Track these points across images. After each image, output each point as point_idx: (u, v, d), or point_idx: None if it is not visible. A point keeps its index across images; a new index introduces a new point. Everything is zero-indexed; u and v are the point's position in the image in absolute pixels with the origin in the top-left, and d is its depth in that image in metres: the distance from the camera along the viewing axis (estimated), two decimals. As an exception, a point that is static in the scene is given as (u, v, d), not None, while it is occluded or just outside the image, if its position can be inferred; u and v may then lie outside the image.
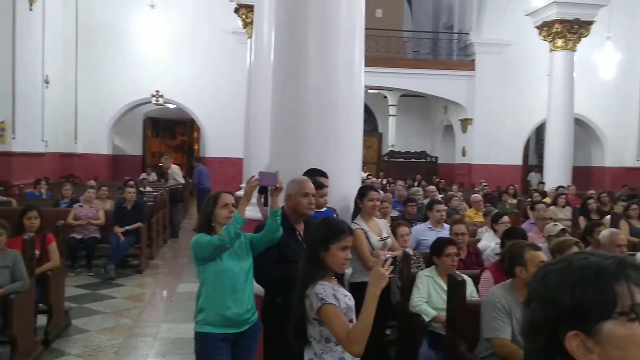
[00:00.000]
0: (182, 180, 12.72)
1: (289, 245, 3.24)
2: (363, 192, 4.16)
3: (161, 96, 16.08)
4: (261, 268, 3.26)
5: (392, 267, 2.30)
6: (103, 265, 8.02)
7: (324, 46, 4.25)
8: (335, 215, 4.06)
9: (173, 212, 11.81)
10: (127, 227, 8.24)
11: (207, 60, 15.83)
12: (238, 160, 13.44)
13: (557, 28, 12.57)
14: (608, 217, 7.74)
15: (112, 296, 6.98)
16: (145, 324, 5.95)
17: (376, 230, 4.11)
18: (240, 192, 10.94)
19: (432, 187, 10.14)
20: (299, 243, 3.28)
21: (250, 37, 10.90)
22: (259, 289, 3.86)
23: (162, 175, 17.94)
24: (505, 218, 5.59)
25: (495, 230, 5.50)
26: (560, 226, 4.99)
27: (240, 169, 13.02)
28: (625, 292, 0.94)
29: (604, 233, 4.37)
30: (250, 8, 11.11)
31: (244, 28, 12.48)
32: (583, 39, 12.84)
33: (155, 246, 9.57)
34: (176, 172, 12.40)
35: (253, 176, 3.26)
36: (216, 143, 16.33)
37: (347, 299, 2.47)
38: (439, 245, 4.11)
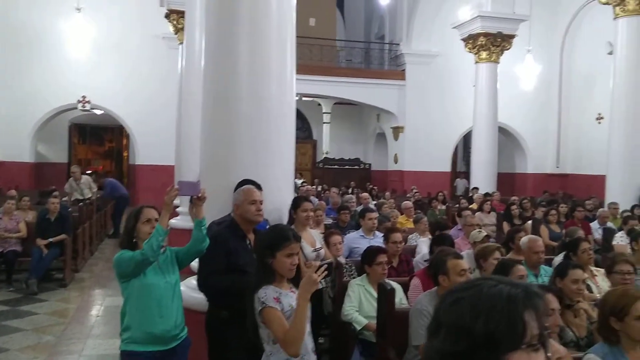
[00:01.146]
0: (91, 193, 11.80)
1: (239, 255, 3.19)
2: (297, 203, 4.17)
3: (88, 102, 15.48)
4: (206, 278, 3.20)
5: (325, 272, 2.38)
6: (24, 279, 7.60)
7: (255, 55, 4.23)
8: (267, 227, 4.04)
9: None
10: (51, 240, 7.86)
11: (136, 65, 15.41)
12: (170, 167, 13.15)
13: (482, 41, 13.13)
14: (529, 222, 8.12)
15: (34, 312, 6.63)
16: (70, 340, 5.68)
17: (310, 240, 4.13)
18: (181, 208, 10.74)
19: (365, 195, 10.29)
20: (249, 252, 3.25)
21: (182, 43, 10.73)
22: (191, 302, 3.78)
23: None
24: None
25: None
26: (484, 233, 5.20)
27: (172, 177, 12.73)
28: (532, 322, 0.95)
29: (524, 240, 4.57)
30: (181, 14, 10.93)
31: (175, 34, 12.26)
32: (506, 52, 13.48)
33: (82, 258, 9.18)
34: (85, 184, 11.68)
35: (173, 185, 3.20)
36: (147, 150, 15.89)
37: (295, 301, 2.53)
38: (370, 254, 4.17)
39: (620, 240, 6.31)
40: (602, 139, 10.63)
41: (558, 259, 4.89)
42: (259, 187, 3.98)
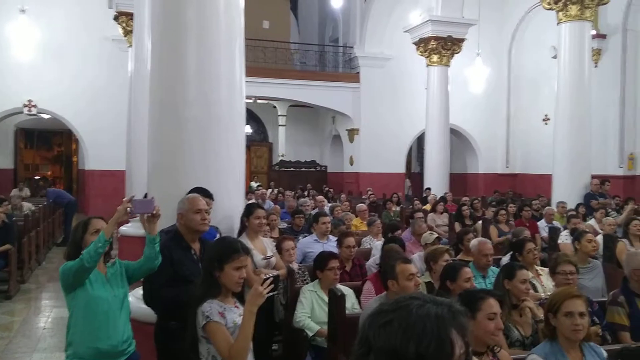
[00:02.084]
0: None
1: (184, 265, 3.14)
2: (249, 210, 4.12)
3: (34, 106, 14.94)
4: (153, 291, 3.13)
5: (271, 286, 2.35)
6: (-35, 292, 7.29)
7: (202, 58, 4.17)
8: (218, 234, 4.00)
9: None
10: (-7, 250, 7.55)
11: (85, 68, 14.97)
12: (120, 172, 12.85)
13: (433, 45, 13.37)
14: (480, 222, 8.31)
15: (-25, 327, 6.35)
16: (15, 355, 5.47)
17: (260, 248, 4.10)
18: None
19: (320, 198, 10.30)
20: (195, 263, 3.19)
21: (131, 45, 10.50)
22: (139, 313, 3.69)
23: (36, 191, 16.71)
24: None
25: None
26: (435, 235, 5.29)
27: (122, 182, 12.44)
28: (458, 341, 0.97)
29: (474, 242, 4.66)
30: (130, 16, 10.69)
31: (125, 36, 11.99)
32: (456, 55, 13.76)
33: (27, 269, 8.85)
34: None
35: (129, 198, 3.12)
36: (96, 155, 15.44)
37: (238, 317, 2.49)
38: (322, 260, 4.17)
39: (565, 239, 6.52)
40: (549, 140, 10.99)
41: (505, 259, 5.02)
42: (209, 194, 3.93)
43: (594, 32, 11.69)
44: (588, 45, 9.94)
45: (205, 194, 3.86)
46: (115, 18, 12.24)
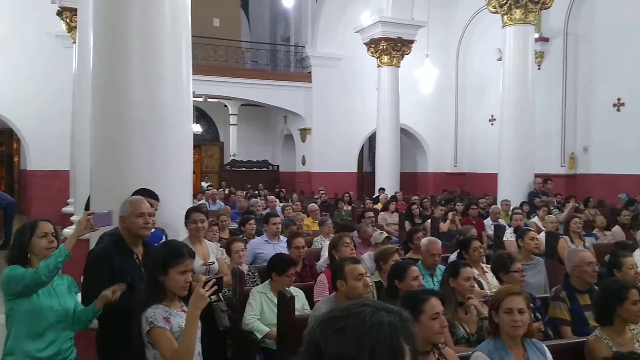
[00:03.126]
0: None
1: (126, 271, 3.04)
2: (186, 214, 4.01)
3: (-30, 103, 14.24)
4: (92, 298, 3.01)
5: (214, 287, 2.32)
6: None
7: (147, 57, 4.06)
8: (164, 237, 3.90)
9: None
10: None
11: (28, 64, 14.31)
12: (64, 172, 12.41)
13: (383, 45, 13.52)
14: (429, 221, 8.45)
15: None
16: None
17: (203, 254, 4.00)
18: (68, 209, 10.05)
19: (272, 198, 10.24)
20: (137, 268, 3.10)
21: (75, 42, 10.16)
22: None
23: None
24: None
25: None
26: (384, 234, 5.34)
27: (67, 183, 12.03)
28: (407, 350, 0.98)
29: (423, 242, 4.72)
30: (74, 11, 10.33)
31: (69, 32, 11.57)
32: (406, 56, 13.96)
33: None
34: None
35: (91, 213, 3.02)
36: (39, 155, 14.81)
37: (184, 322, 2.44)
38: (282, 265, 4.05)
39: (510, 236, 6.70)
40: (495, 140, 11.28)
41: (453, 257, 5.11)
42: (155, 196, 3.83)
43: (537, 35, 12.09)
44: (531, 48, 10.25)
45: (151, 195, 3.76)
46: (59, 13, 11.79)
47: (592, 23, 13.63)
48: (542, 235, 6.26)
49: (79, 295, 3.14)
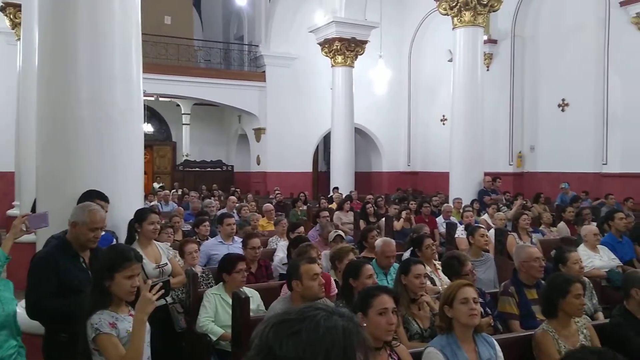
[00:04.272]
0: None
1: (72, 274, 2.95)
2: (142, 216, 3.89)
3: None
4: (36, 303, 2.91)
5: (161, 291, 2.30)
6: None
7: (96, 54, 3.96)
8: (115, 239, 3.81)
9: None
10: None
11: (-32, 62, 13.70)
12: (9, 174, 11.94)
13: (337, 46, 13.61)
14: (383, 220, 8.55)
15: None
16: None
17: (154, 256, 3.92)
18: (13, 211, 9.63)
19: (233, 198, 10.11)
20: (84, 271, 3.02)
21: (19, 38, 9.78)
22: (27, 325, 3.44)
23: None
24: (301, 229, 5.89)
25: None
26: (337, 232, 5.38)
27: (12, 184, 11.57)
28: (360, 354, 1.01)
29: (378, 243, 4.74)
30: (18, 7, 9.97)
31: (13, 29, 11.14)
32: (360, 57, 14.09)
33: None
34: None
35: (24, 215, 2.93)
36: (-19, 155, 14.19)
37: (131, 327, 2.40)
38: (229, 262, 4.03)
39: (461, 234, 6.86)
40: (446, 139, 11.52)
41: (406, 254, 5.19)
42: (105, 197, 3.74)
43: (486, 37, 12.41)
44: (480, 50, 10.53)
45: (100, 196, 3.67)
46: (2, 9, 11.33)
47: (537, 26, 14.11)
48: (492, 232, 6.42)
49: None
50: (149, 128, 20.62)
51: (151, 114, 20.46)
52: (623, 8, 11.54)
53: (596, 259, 5.53)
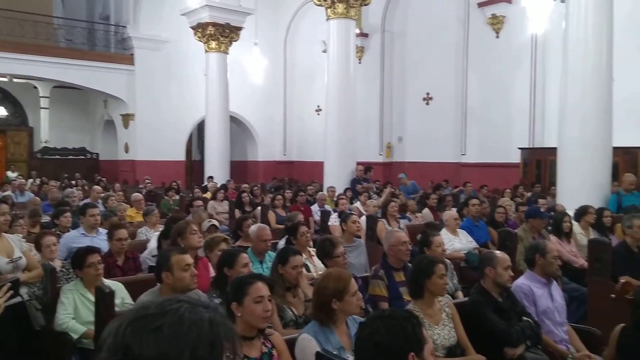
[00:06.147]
0: None
1: None
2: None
3: None
4: None
5: (9, 292, 2.05)
6: None
7: None
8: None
9: None
10: None
11: None
12: None
13: (211, 30, 13.27)
14: (259, 208, 8.51)
15: None
16: None
17: (6, 249, 3.54)
18: None
19: (98, 188, 9.47)
20: None
21: None
22: None
23: None
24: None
25: None
26: (212, 222, 5.24)
27: None
28: (227, 346, 0.95)
29: (253, 228, 4.71)
30: None
31: None
32: (234, 43, 13.86)
33: None
34: None
35: None
36: None
37: None
38: (78, 257, 3.73)
39: (334, 221, 7.01)
40: (321, 129, 11.73)
41: (282, 242, 5.19)
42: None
43: (358, 31, 12.80)
44: (353, 42, 10.84)
45: None
46: None
47: (405, 22, 14.84)
48: (363, 219, 6.64)
49: None
50: (1, 112, 18.76)
51: (4, 96, 18.60)
52: (480, 9, 12.49)
53: (456, 241, 5.93)
